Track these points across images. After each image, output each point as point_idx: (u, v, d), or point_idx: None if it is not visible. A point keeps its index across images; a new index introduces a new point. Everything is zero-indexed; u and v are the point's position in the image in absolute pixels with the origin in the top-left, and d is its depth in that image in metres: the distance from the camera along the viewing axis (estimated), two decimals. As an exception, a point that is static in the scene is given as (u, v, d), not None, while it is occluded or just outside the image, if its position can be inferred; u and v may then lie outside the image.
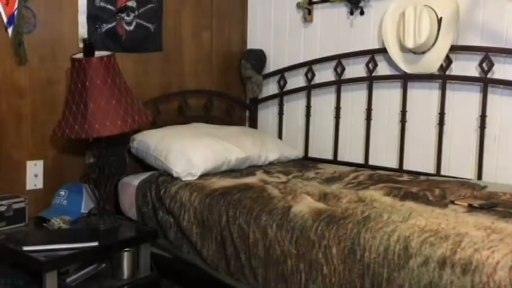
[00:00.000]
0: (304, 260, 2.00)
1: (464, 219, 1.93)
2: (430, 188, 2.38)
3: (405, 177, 2.64)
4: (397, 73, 2.90)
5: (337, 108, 3.11)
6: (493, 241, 1.72)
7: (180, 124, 3.03)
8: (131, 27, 2.92)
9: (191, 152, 2.64)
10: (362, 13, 3.00)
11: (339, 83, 3.10)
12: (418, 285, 1.73)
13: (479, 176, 2.65)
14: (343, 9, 3.09)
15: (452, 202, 2.18)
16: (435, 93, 2.80)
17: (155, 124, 2.93)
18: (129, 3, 2.87)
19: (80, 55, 2.46)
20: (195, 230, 2.36)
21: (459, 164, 2.73)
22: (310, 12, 3.22)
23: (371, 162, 3.03)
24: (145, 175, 2.71)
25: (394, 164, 2.94)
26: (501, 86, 2.60)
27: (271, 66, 3.43)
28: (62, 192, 2.56)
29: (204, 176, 2.61)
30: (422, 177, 2.65)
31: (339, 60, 3.09)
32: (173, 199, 2.46)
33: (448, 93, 2.74)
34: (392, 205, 2.10)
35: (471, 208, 2.09)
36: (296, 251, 2.02)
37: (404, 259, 1.77)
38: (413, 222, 1.90)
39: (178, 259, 2.51)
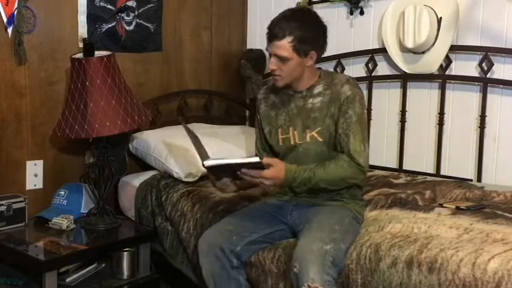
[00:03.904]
0: (284, 279, 1.95)
1: (443, 222, 1.95)
2: (422, 191, 2.36)
3: (402, 179, 2.63)
4: (396, 73, 2.90)
5: (337, 108, 3.10)
6: (462, 241, 1.77)
7: (180, 124, 3.02)
8: (131, 27, 2.92)
9: (191, 152, 2.63)
10: (362, 13, 3.00)
11: (339, 83, 3.10)
12: (389, 287, 1.75)
13: (479, 175, 2.65)
14: (343, 9, 3.09)
15: (441, 205, 2.18)
16: (435, 93, 2.80)
17: (155, 124, 2.93)
18: (129, 3, 2.87)
19: (80, 55, 2.46)
20: (193, 241, 2.30)
21: (459, 164, 2.74)
22: (310, 12, 3.21)
23: (371, 162, 2.98)
24: (146, 175, 2.70)
25: (393, 164, 2.94)
26: (501, 85, 2.60)
27: (271, 66, 3.42)
28: (62, 192, 2.56)
29: (205, 178, 2.56)
30: (419, 178, 2.64)
31: (338, 60, 3.09)
32: (174, 207, 2.44)
33: (447, 93, 2.74)
34: (376, 217, 2.10)
35: (457, 210, 2.09)
36: (277, 270, 1.99)
37: (375, 261, 1.79)
38: (388, 230, 1.93)
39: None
